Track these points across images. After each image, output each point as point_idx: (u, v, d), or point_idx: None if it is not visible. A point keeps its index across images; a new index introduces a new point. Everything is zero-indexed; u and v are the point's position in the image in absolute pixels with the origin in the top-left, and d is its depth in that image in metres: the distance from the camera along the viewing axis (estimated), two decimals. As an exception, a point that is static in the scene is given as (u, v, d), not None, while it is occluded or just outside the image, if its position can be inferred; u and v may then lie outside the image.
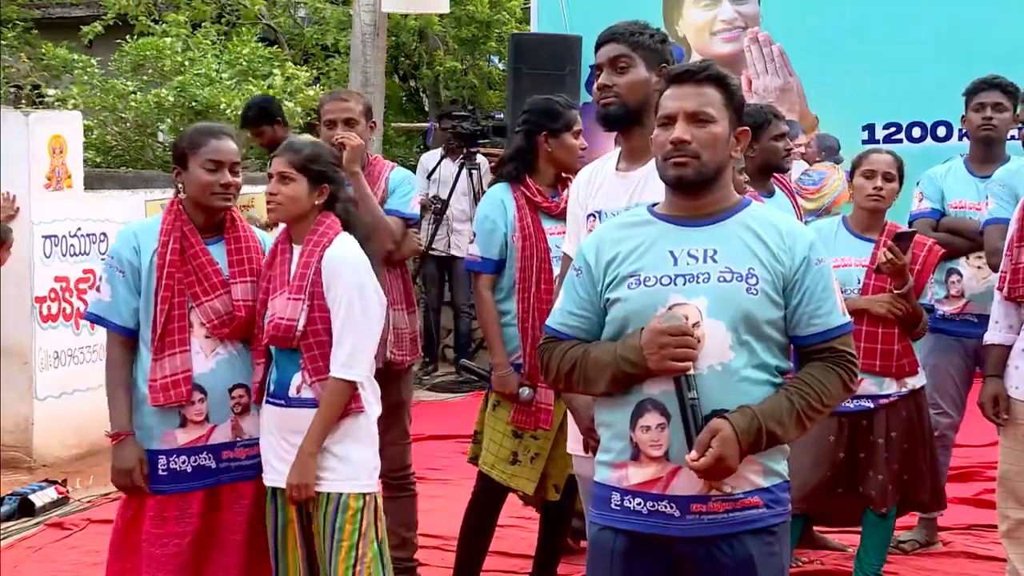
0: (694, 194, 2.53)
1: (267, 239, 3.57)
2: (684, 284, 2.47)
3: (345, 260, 3.33)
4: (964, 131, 5.15)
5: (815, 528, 4.74)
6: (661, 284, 2.48)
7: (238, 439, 3.44)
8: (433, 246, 8.57)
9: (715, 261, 2.49)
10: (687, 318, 2.42)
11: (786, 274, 2.50)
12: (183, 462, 3.39)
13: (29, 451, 6.22)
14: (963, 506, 5.35)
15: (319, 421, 3.27)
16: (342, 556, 3.28)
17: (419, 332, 4.56)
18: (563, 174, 4.17)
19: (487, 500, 4.22)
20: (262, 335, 3.40)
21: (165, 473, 3.39)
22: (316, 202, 3.38)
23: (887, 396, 4.15)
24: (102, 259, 3.56)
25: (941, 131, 8.32)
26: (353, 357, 3.29)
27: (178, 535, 3.38)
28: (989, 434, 5.07)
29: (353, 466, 3.34)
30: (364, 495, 3.35)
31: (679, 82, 2.55)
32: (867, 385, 4.12)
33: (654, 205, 2.64)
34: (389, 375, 4.30)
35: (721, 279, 2.47)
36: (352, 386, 3.30)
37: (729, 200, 2.58)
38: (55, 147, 6.35)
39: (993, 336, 3.94)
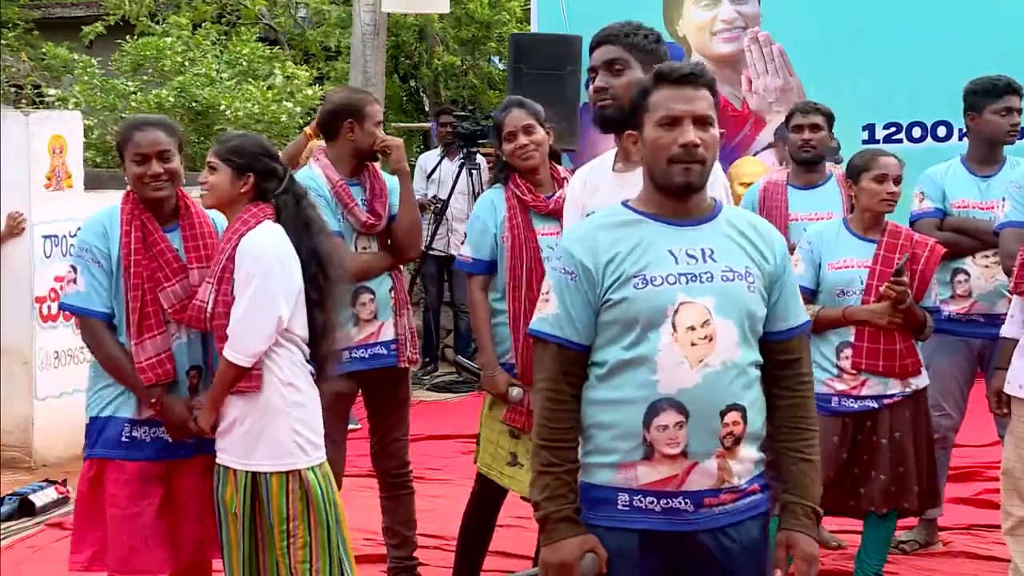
0: (688, 196, 2.55)
1: (220, 224, 3.68)
2: (688, 283, 2.49)
3: (255, 247, 3.41)
4: (964, 131, 5.13)
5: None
6: (668, 283, 2.49)
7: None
8: (433, 246, 8.58)
9: (715, 260, 2.52)
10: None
11: (771, 272, 2.57)
12: (143, 432, 3.57)
13: (29, 451, 6.23)
14: (963, 506, 5.35)
15: (210, 392, 3.46)
16: (276, 535, 3.44)
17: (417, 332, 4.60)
18: (560, 174, 4.18)
19: (486, 500, 4.22)
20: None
21: (127, 440, 3.57)
22: (241, 190, 3.49)
23: (891, 396, 4.15)
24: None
25: (941, 131, 8.31)
26: (238, 339, 3.38)
27: (139, 498, 3.55)
28: (989, 434, 5.08)
29: (266, 446, 3.43)
30: (286, 474, 3.43)
31: (681, 84, 2.54)
32: (872, 385, 4.13)
33: (627, 202, 2.63)
34: (396, 373, 4.32)
35: (724, 278, 2.50)
36: (238, 369, 3.38)
37: (707, 201, 2.62)
38: (55, 147, 6.35)
39: (1006, 330, 4.01)
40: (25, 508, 5.47)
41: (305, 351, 3.52)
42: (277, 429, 3.42)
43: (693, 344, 2.46)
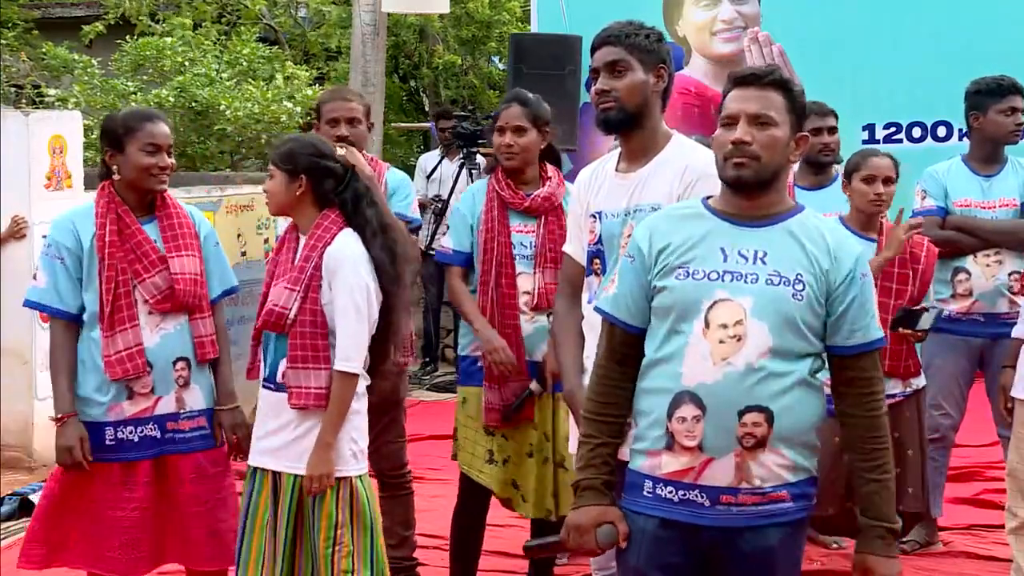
0: (750, 194, 2.59)
1: (197, 215, 3.73)
2: (731, 281, 2.53)
3: (345, 258, 3.42)
4: (964, 131, 5.14)
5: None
6: (709, 279, 2.55)
7: (181, 411, 3.63)
8: (433, 246, 8.57)
9: (764, 263, 2.55)
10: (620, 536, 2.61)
11: (830, 285, 2.56)
12: (130, 432, 3.58)
13: (29, 451, 6.22)
14: (963, 506, 5.35)
15: (328, 413, 3.38)
16: (321, 541, 3.39)
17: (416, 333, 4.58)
18: (548, 173, 4.15)
19: (471, 500, 4.20)
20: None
21: (112, 443, 3.57)
22: (297, 194, 3.47)
23: (892, 396, 4.14)
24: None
25: (941, 131, 8.30)
26: (350, 351, 3.40)
27: (127, 500, 3.55)
28: (989, 434, 5.08)
29: None
30: (338, 481, 3.41)
31: (743, 85, 2.62)
32: None
33: (708, 199, 2.69)
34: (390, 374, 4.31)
35: (769, 282, 2.53)
36: (354, 377, 3.40)
37: (783, 205, 2.64)
38: (55, 147, 6.34)
39: (1019, 330, 4.00)
40: (25, 508, 5.46)
41: (367, 358, 3.52)
42: (338, 435, 3.41)
43: (721, 341, 2.51)
